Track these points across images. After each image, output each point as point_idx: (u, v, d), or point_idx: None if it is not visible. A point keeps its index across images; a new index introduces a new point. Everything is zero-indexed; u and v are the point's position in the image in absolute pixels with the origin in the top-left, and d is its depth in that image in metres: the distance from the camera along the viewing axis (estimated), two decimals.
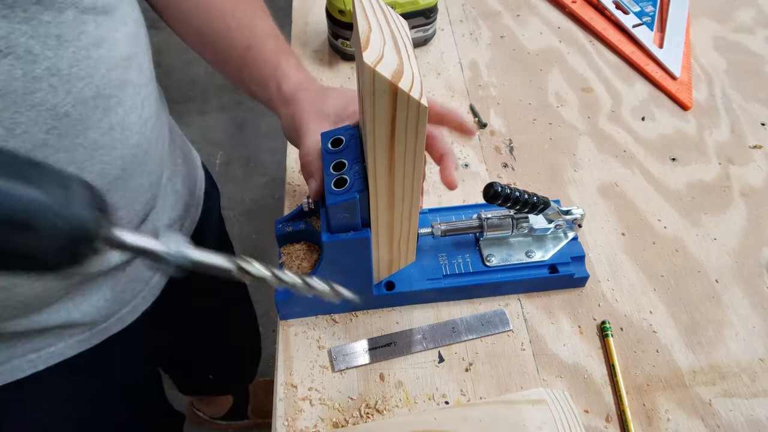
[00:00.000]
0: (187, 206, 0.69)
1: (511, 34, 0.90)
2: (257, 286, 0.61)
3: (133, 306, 0.62)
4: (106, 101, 0.47)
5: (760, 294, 0.60)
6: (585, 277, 0.59)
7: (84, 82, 0.44)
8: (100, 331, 0.59)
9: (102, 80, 0.46)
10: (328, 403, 0.52)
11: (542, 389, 0.52)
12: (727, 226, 0.66)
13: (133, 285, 0.61)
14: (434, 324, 0.57)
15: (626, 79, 0.83)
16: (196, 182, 0.73)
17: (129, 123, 0.50)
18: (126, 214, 0.54)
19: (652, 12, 0.91)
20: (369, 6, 0.41)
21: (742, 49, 0.87)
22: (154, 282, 0.64)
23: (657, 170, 0.71)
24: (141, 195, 0.55)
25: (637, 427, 0.51)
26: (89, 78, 0.45)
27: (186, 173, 0.69)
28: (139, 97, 0.52)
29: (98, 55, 0.45)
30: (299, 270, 0.57)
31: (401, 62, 0.37)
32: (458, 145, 0.74)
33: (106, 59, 0.46)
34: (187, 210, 0.70)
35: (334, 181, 0.47)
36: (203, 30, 0.60)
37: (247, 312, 1.11)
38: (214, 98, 2.17)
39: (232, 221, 1.84)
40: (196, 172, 0.74)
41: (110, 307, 0.59)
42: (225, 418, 1.39)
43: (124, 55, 0.49)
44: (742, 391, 0.53)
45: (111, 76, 0.47)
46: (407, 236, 0.53)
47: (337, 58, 0.85)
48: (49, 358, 0.56)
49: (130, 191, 0.53)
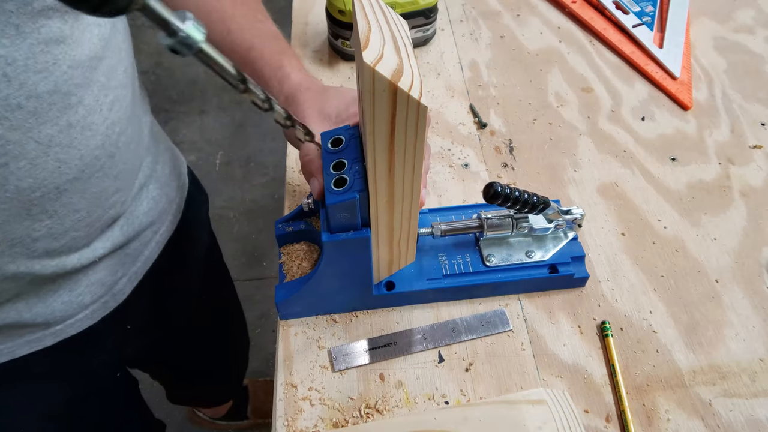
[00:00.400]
0: (163, 213, 0.68)
1: (511, 34, 0.90)
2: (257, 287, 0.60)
3: (93, 310, 0.61)
4: (65, 98, 0.46)
5: (760, 294, 0.60)
6: (585, 277, 0.59)
7: (40, 76, 0.43)
8: (54, 333, 0.58)
9: (62, 77, 0.45)
10: (328, 403, 0.52)
11: (542, 389, 0.52)
12: (727, 226, 0.66)
13: (92, 289, 0.59)
14: (434, 324, 0.57)
15: (626, 79, 0.83)
16: (177, 190, 0.72)
17: (90, 123, 0.49)
18: (86, 216, 0.53)
19: (652, 12, 0.91)
20: (369, 6, 0.41)
21: (742, 49, 0.87)
22: (119, 288, 0.63)
23: (657, 170, 0.71)
24: (105, 199, 0.54)
25: (637, 427, 0.51)
26: (46, 72, 0.44)
27: (165, 181, 0.68)
28: (106, 99, 0.51)
29: (59, 51, 0.44)
30: (299, 270, 0.57)
31: (401, 62, 0.37)
32: (458, 145, 0.74)
33: (67, 56, 0.45)
34: (163, 216, 0.68)
35: (334, 180, 0.47)
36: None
37: (239, 319, 1.09)
38: (214, 98, 2.17)
39: (232, 221, 1.85)
40: (179, 180, 0.73)
41: (66, 310, 0.58)
42: (225, 419, 1.39)
43: (90, 55, 0.48)
44: (742, 391, 0.53)
45: (72, 74, 0.46)
46: (407, 236, 0.53)
47: (337, 58, 0.85)
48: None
49: (90, 194, 0.52)
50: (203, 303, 0.89)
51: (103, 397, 0.75)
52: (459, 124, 0.77)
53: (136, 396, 0.89)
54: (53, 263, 0.53)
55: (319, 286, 0.54)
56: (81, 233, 0.53)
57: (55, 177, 0.47)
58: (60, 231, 0.51)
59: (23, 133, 0.44)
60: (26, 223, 0.48)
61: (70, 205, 0.50)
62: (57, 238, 0.51)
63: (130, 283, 0.65)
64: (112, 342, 0.68)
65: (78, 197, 0.51)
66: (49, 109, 0.45)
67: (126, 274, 0.64)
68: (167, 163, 0.69)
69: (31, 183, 0.46)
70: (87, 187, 0.51)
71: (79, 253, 0.55)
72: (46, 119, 0.45)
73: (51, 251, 0.51)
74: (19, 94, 0.42)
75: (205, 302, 0.90)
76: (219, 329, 1.02)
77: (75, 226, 0.52)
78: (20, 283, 0.52)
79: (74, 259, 0.55)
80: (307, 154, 0.52)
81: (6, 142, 0.43)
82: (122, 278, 0.63)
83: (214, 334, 1.00)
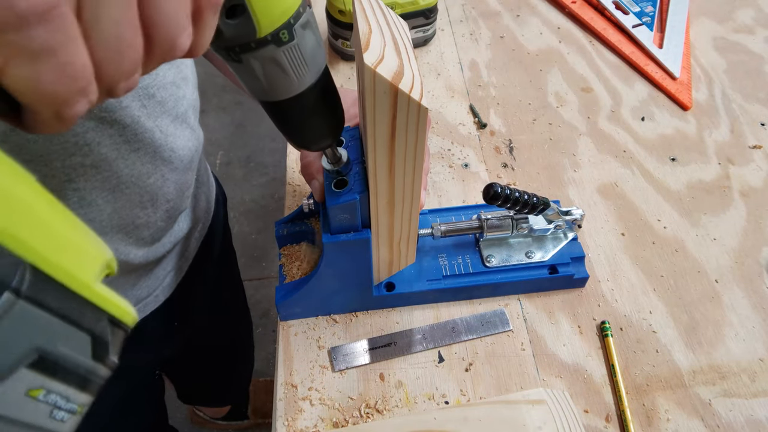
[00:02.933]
0: (204, 211, 0.70)
1: (511, 34, 0.90)
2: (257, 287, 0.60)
3: (145, 304, 0.62)
4: (177, 90, 0.51)
5: (760, 294, 0.60)
6: (585, 277, 0.59)
7: (166, 67, 0.48)
8: None
9: (175, 69, 0.50)
10: (328, 403, 0.53)
11: (542, 389, 0.52)
12: (727, 226, 0.66)
13: (149, 283, 0.61)
14: (434, 324, 0.57)
15: (626, 79, 0.83)
16: (210, 188, 0.74)
17: (187, 117, 0.54)
18: (171, 207, 0.55)
19: (651, 12, 0.91)
20: (369, 7, 0.41)
21: (742, 49, 0.87)
22: (167, 283, 0.64)
23: (657, 170, 0.71)
24: (183, 191, 0.56)
25: (636, 427, 0.51)
26: (169, 64, 0.49)
27: (203, 180, 0.70)
28: (194, 95, 0.56)
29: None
30: (299, 271, 0.57)
31: (401, 63, 0.37)
32: (458, 145, 0.74)
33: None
34: (205, 213, 0.70)
35: (334, 182, 0.47)
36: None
37: (246, 318, 1.10)
38: (214, 98, 2.17)
39: (232, 221, 1.84)
40: (209, 179, 0.75)
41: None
42: (225, 419, 1.39)
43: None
44: (741, 391, 0.53)
45: (180, 67, 0.51)
46: (407, 237, 0.53)
47: (337, 58, 0.85)
48: None
49: (178, 185, 0.55)
50: (222, 300, 0.91)
51: (141, 398, 0.77)
52: (459, 124, 0.77)
53: (162, 399, 0.90)
54: (140, 253, 0.54)
55: (320, 287, 0.54)
56: (164, 224, 0.55)
57: (165, 164, 0.50)
58: (153, 220, 0.53)
59: (153, 120, 0.47)
60: (136, 210, 0.50)
61: (167, 194, 0.53)
62: (149, 227, 0.53)
63: (175, 277, 0.66)
64: (157, 339, 0.69)
65: (173, 187, 0.53)
66: (169, 99, 0.48)
67: (173, 268, 0.65)
68: (203, 162, 0.72)
69: (150, 169, 0.49)
70: (179, 178, 0.54)
71: (155, 245, 0.57)
72: (166, 109, 0.48)
73: (140, 239, 0.53)
74: (155, 83, 0.46)
75: (224, 299, 0.91)
76: (235, 324, 1.04)
77: (162, 216, 0.54)
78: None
79: (153, 251, 0.56)
80: (307, 155, 0.52)
81: (144, 130, 0.46)
82: (170, 272, 0.65)
83: (231, 328, 1.02)
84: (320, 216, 0.52)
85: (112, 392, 0.69)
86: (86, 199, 0.45)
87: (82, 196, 0.45)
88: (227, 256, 0.89)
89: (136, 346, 0.65)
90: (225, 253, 0.86)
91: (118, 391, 0.69)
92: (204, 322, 0.86)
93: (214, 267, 0.80)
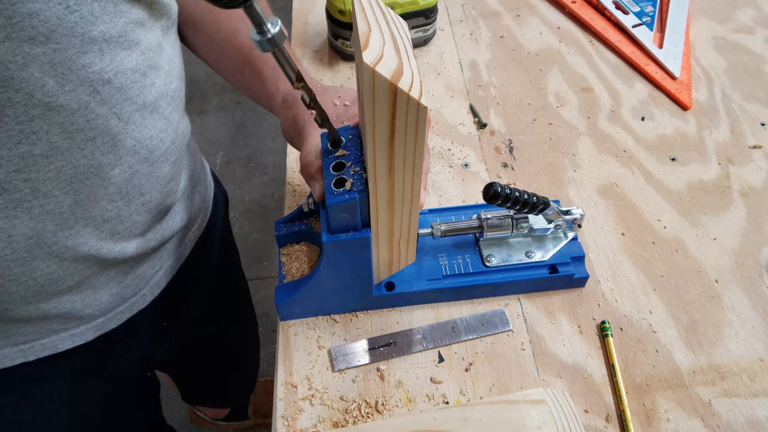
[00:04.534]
0: (198, 210, 0.70)
1: (511, 34, 0.90)
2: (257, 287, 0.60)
3: (132, 303, 0.62)
4: (143, 78, 0.50)
5: (760, 294, 0.60)
6: (585, 277, 0.59)
7: (125, 53, 0.47)
8: (95, 326, 0.59)
9: (141, 56, 0.49)
10: (328, 403, 0.52)
11: (542, 389, 0.52)
12: (727, 226, 0.66)
13: (135, 281, 0.61)
14: (434, 324, 0.57)
15: (626, 79, 0.83)
16: (207, 188, 0.74)
17: (158, 106, 0.53)
18: (148, 201, 0.54)
19: (651, 12, 0.91)
20: (369, 6, 0.41)
21: (742, 49, 0.87)
22: (155, 282, 0.64)
23: (657, 170, 0.71)
24: (164, 186, 0.56)
25: (636, 427, 0.51)
26: (130, 51, 0.48)
27: (198, 179, 0.70)
28: (171, 85, 0.55)
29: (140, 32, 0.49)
30: (299, 271, 0.57)
31: (401, 62, 0.37)
32: (458, 145, 0.74)
33: (145, 38, 0.49)
34: (199, 213, 0.70)
35: (334, 181, 0.47)
36: (212, 35, 0.61)
37: (250, 320, 1.10)
38: (214, 98, 2.17)
39: (232, 221, 1.84)
40: (207, 179, 0.75)
41: (110, 302, 0.59)
42: (225, 419, 1.39)
43: (156, 41, 0.51)
44: (741, 391, 0.53)
45: (148, 55, 0.50)
46: (407, 237, 0.53)
47: (337, 58, 0.85)
48: (41, 349, 0.56)
49: (154, 178, 0.54)
50: (222, 301, 0.90)
51: (133, 398, 0.76)
52: (459, 124, 0.77)
53: (157, 398, 0.89)
54: (116, 248, 0.54)
55: (319, 287, 0.54)
56: (142, 218, 0.55)
57: (130, 155, 0.49)
58: (126, 214, 0.52)
59: (109, 108, 0.46)
60: (102, 202, 0.49)
61: (139, 187, 0.52)
62: (123, 221, 0.53)
63: (165, 277, 0.66)
64: (146, 339, 0.69)
65: (146, 180, 0.52)
66: (131, 86, 0.47)
67: (162, 267, 0.65)
68: (199, 161, 0.71)
69: (111, 159, 0.48)
70: (153, 170, 0.53)
71: (136, 240, 0.56)
72: (128, 96, 0.47)
73: (115, 234, 0.53)
74: (110, 68, 0.45)
75: (224, 301, 0.91)
76: (238, 326, 1.03)
77: (138, 210, 0.54)
78: (86, 266, 0.52)
79: (132, 247, 0.56)
80: (307, 156, 0.52)
81: (96, 116, 0.45)
82: (159, 271, 0.64)
83: (234, 330, 1.02)
84: (320, 215, 0.52)
85: (101, 392, 0.69)
86: (40, 190, 0.44)
87: (35, 187, 0.44)
88: (228, 257, 0.88)
89: (124, 345, 0.65)
90: (225, 254, 0.85)
91: (106, 391, 0.69)
92: (201, 323, 0.86)
93: (212, 268, 0.80)
